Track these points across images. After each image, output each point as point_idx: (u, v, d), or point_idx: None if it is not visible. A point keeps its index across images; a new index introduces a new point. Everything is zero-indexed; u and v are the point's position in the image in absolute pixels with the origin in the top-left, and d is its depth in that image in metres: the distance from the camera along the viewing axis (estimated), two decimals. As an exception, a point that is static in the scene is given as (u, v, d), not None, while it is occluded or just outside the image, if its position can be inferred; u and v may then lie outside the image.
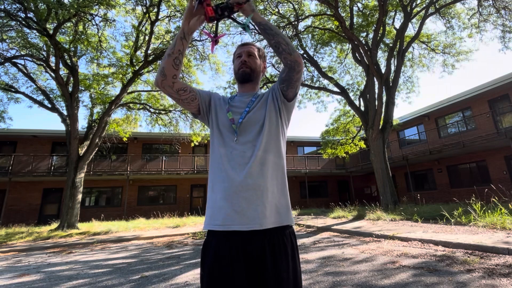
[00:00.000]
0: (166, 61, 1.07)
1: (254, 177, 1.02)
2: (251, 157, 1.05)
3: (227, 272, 0.92)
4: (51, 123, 55.28)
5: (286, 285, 0.94)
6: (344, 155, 16.11)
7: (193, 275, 3.75)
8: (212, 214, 1.02)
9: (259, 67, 1.26)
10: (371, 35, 13.10)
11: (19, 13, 9.39)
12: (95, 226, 11.02)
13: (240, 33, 13.00)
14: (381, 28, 11.95)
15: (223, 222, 0.98)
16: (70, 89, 11.46)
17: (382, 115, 11.64)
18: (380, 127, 11.45)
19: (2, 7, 8.90)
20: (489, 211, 6.19)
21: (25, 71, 11.61)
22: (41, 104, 11.96)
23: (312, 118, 68.20)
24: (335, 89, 13.62)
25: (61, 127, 12.17)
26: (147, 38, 11.89)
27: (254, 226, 0.97)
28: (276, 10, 12.61)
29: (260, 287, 0.93)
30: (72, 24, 10.90)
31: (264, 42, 13.36)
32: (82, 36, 10.83)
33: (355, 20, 12.80)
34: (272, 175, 1.06)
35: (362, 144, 15.96)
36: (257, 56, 1.25)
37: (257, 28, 1.14)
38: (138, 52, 12.39)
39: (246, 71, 1.21)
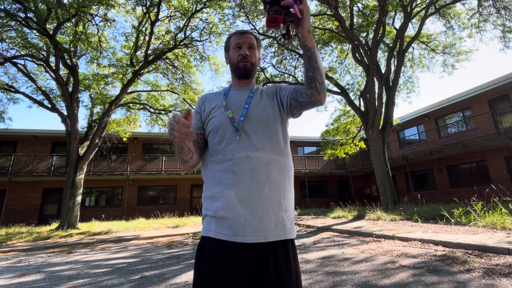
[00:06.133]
0: (197, 161, 1.08)
1: (260, 185, 0.95)
2: (257, 161, 0.97)
3: (226, 279, 0.87)
4: (51, 123, 55.32)
5: (289, 286, 0.91)
6: (344, 155, 16.11)
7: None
8: (215, 224, 0.95)
9: (258, 60, 1.19)
10: (371, 35, 13.08)
11: (19, 13, 9.39)
12: (95, 226, 11.01)
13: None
14: (381, 28, 11.93)
15: (227, 232, 0.92)
16: (70, 89, 11.46)
17: (382, 115, 11.63)
18: (380, 127, 11.45)
19: (2, 7, 8.90)
20: (489, 211, 6.19)
21: (25, 71, 11.60)
22: (41, 104, 11.96)
23: (312, 118, 68.25)
24: (335, 89, 13.63)
25: (61, 127, 12.17)
26: (147, 38, 11.89)
27: (259, 238, 0.92)
28: (276, 10, 12.58)
29: None
30: (72, 24, 10.91)
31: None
32: (82, 36, 10.84)
33: (355, 20, 12.78)
34: (279, 182, 1.00)
35: (362, 144, 15.96)
36: (256, 48, 1.17)
37: (301, 49, 1.02)
38: (138, 52, 12.39)
39: (247, 66, 1.12)
